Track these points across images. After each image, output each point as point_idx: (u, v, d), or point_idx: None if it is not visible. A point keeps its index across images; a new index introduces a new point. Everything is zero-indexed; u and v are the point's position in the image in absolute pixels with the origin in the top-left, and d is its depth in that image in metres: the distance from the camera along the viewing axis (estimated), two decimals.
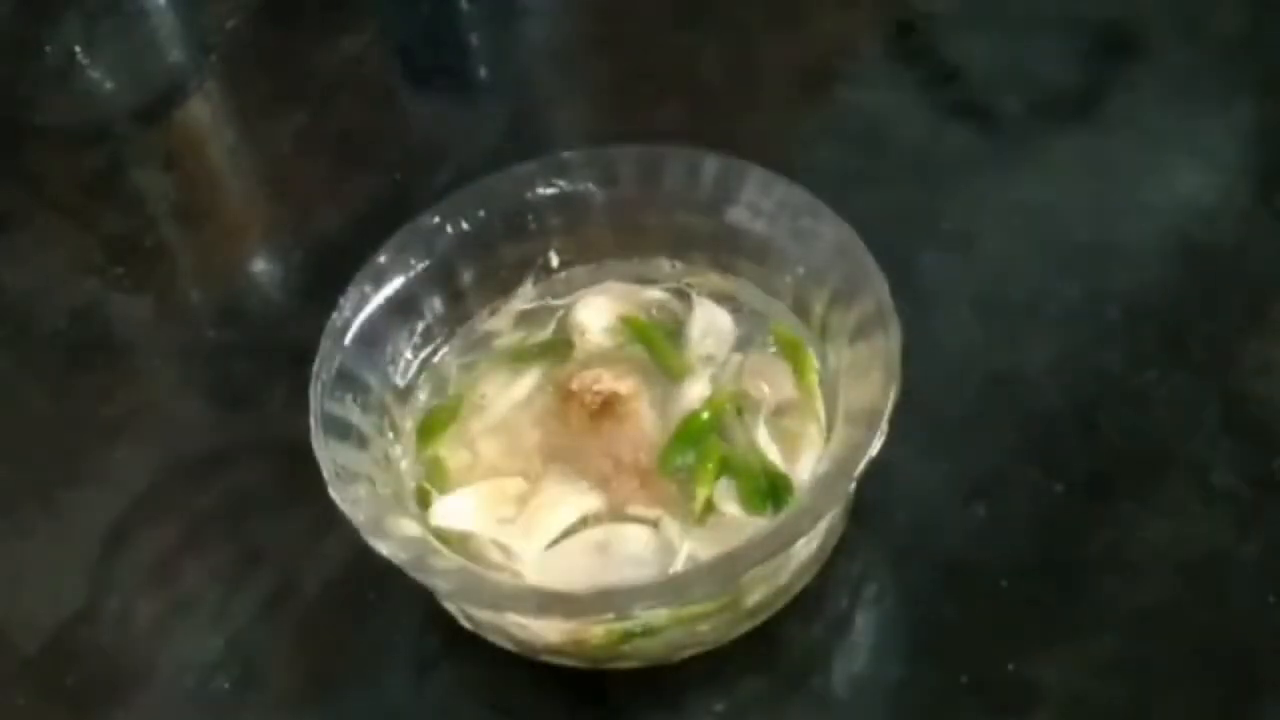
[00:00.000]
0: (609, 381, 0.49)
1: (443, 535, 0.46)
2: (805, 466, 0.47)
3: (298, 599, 0.50)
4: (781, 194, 0.49)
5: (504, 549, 0.46)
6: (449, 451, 0.49)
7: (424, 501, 0.48)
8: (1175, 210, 0.57)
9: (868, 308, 0.46)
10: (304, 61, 0.70)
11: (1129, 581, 0.47)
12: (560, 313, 0.53)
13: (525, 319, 0.53)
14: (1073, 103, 0.63)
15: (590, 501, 0.47)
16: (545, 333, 0.52)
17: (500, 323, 0.53)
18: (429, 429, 0.50)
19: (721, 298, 0.52)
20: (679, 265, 0.53)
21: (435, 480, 0.48)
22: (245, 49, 0.71)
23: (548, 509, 0.47)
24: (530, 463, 0.48)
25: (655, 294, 0.52)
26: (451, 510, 0.47)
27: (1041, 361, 0.53)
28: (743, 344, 0.51)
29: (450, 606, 0.47)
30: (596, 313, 0.52)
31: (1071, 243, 0.57)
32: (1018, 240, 0.57)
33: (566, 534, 0.46)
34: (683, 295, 0.52)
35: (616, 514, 0.47)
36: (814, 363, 0.49)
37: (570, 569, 0.45)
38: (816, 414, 0.48)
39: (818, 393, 0.48)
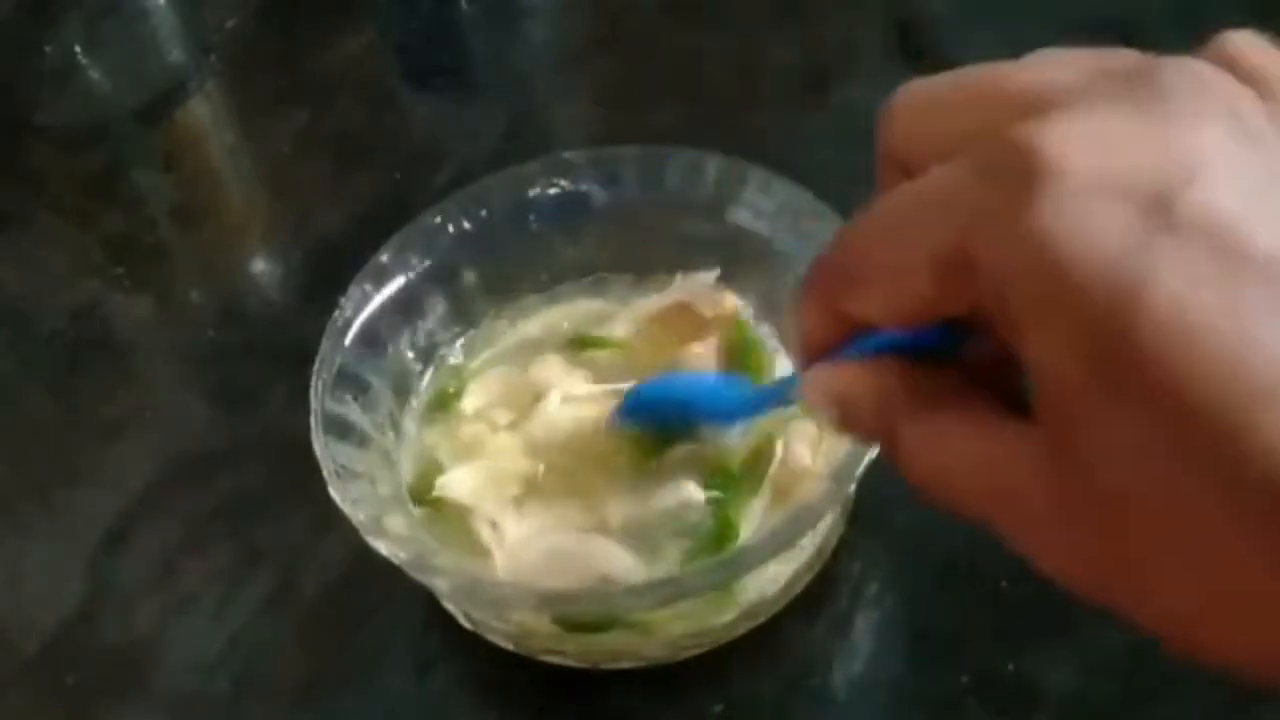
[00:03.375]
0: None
1: (441, 509, 0.46)
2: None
3: (298, 599, 0.50)
4: (783, 194, 0.49)
5: (495, 526, 0.46)
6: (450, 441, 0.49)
7: (429, 481, 0.48)
8: None
9: None
10: (304, 61, 0.70)
11: None
12: (560, 313, 0.53)
13: (526, 318, 0.53)
14: None
15: (575, 514, 0.47)
16: (547, 333, 0.52)
17: (502, 322, 0.53)
18: (432, 432, 0.50)
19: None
20: (683, 267, 0.52)
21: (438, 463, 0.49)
22: (245, 49, 0.71)
23: (541, 506, 0.47)
24: (533, 463, 0.48)
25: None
26: (458, 481, 0.47)
27: None
28: None
29: (450, 606, 0.47)
30: (594, 314, 0.52)
31: None
32: None
33: (548, 530, 0.46)
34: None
35: (601, 528, 0.46)
36: None
37: (535, 566, 0.45)
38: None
39: None
